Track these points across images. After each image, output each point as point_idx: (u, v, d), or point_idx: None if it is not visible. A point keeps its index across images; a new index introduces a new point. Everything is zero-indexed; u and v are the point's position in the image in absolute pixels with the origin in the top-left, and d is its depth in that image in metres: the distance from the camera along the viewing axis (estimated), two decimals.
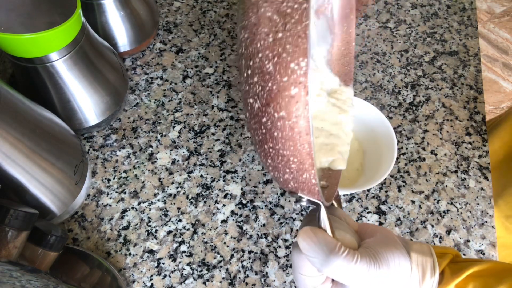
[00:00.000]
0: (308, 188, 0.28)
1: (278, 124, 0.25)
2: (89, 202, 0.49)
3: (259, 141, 0.27)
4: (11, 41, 0.38)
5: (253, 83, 0.25)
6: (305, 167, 0.26)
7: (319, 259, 0.26)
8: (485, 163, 0.56)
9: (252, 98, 0.26)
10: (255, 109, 0.26)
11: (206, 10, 0.68)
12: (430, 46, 0.67)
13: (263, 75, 0.24)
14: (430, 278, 0.28)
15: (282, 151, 0.26)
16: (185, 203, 0.50)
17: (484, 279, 0.29)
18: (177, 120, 0.56)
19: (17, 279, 0.30)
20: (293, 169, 0.27)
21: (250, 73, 0.25)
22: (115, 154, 0.53)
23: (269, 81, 0.24)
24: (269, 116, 0.25)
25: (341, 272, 0.26)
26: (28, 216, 0.33)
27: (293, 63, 0.23)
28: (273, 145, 0.26)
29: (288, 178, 0.28)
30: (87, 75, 0.46)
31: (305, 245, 0.27)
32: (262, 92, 0.25)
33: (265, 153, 0.28)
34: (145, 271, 0.46)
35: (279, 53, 0.23)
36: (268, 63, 0.24)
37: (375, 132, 0.52)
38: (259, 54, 0.24)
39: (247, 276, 0.46)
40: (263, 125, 0.26)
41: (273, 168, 0.28)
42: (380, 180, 0.46)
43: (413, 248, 0.29)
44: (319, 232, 0.27)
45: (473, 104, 0.62)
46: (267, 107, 0.25)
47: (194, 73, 0.61)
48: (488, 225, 0.52)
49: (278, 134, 0.25)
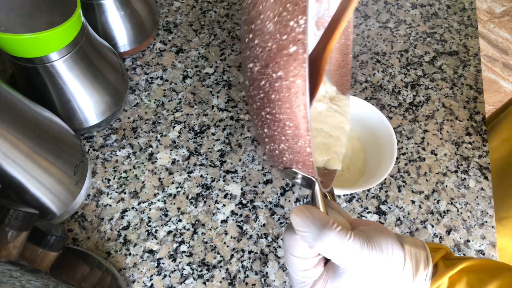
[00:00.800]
0: (302, 160, 0.28)
1: (275, 85, 0.25)
2: (89, 202, 0.49)
3: (257, 108, 0.28)
4: (11, 41, 0.38)
5: (253, 46, 0.26)
6: (300, 132, 0.26)
7: (312, 233, 0.26)
8: (485, 163, 0.56)
9: (252, 62, 0.26)
10: (254, 72, 0.27)
11: (206, 10, 0.68)
12: (430, 46, 0.67)
13: (264, 36, 0.25)
14: (423, 271, 0.28)
15: (278, 115, 0.26)
16: (185, 203, 0.50)
17: (478, 274, 0.29)
18: (177, 120, 0.56)
19: (17, 279, 0.30)
20: (289, 136, 0.27)
21: (251, 36, 0.26)
22: (115, 154, 0.53)
23: (269, 41, 0.25)
24: (267, 78, 0.26)
25: (334, 248, 0.26)
26: (28, 216, 0.33)
27: (293, 21, 0.24)
28: (270, 110, 0.27)
29: (284, 148, 0.28)
30: (87, 75, 0.46)
31: (298, 220, 0.26)
32: (262, 53, 0.26)
33: (262, 121, 0.28)
34: (145, 271, 0.46)
35: (279, 12, 0.24)
36: (268, 23, 0.25)
37: (375, 132, 0.52)
38: (261, 16, 0.25)
39: (247, 276, 0.46)
40: (261, 88, 0.26)
41: (269, 138, 0.28)
42: (380, 180, 0.46)
43: (406, 241, 0.29)
44: (312, 208, 0.27)
45: (473, 104, 0.62)
46: (266, 68, 0.25)
47: (194, 73, 0.61)
48: (488, 225, 0.52)
49: (276, 96, 0.26)
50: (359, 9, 0.71)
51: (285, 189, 0.52)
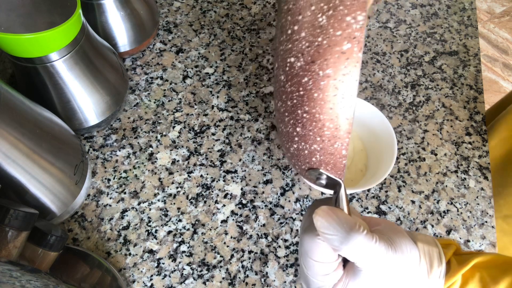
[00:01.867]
0: (334, 161, 0.26)
1: (321, 83, 0.24)
2: (89, 202, 0.49)
3: (292, 106, 0.26)
4: (11, 41, 0.38)
5: (298, 39, 0.24)
6: (339, 134, 0.25)
7: (339, 236, 0.25)
8: (485, 163, 0.56)
9: (294, 57, 0.24)
10: (295, 68, 0.24)
11: (206, 10, 0.68)
12: (430, 46, 0.67)
13: (314, 29, 0.23)
14: (437, 268, 0.28)
15: (318, 115, 0.25)
16: (185, 203, 0.50)
17: (490, 270, 0.28)
18: (177, 120, 0.56)
19: (17, 279, 0.30)
20: (326, 137, 0.25)
21: (297, 28, 0.24)
22: (115, 154, 0.53)
23: (320, 35, 0.23)
24: (312, 75, 0.24)
25: (361, 251, 0.25)
26: (28, 216, 0.33)
27: (350, 16, 0.22)
28: (309, 109, 0.25)
29: (316, 149, 0.26)
30: (87, 75, 0.46)
31: (324, 222, 0.25)
32: (309, 48, 0.23)
33: (296, 120, 0.26)
34: (145, 271, 0.46)
35: (336, 5, 0.22)
36: (321, 16, 0.23)
37: (375, 132, 0.52)
38: (311, 7, 0.23)
39: (247, 276, 0.46)
40: (302, 85, 0.24)
41: (301, 137, 0.27)
42: (380, 180, 0.46)
43: (419, 238, 0.29)
44: (338, 210, 0.26)
45: (473, 104, 0.62)
46: (312, 64, 0.23)
47: (194, 73, 0.61)
48: (488, 225, 0.52)
49: (319, 95, 0.24)
50: None
51: (285, 189, 0.52)
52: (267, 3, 0.69)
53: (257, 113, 0.58)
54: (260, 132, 0.56)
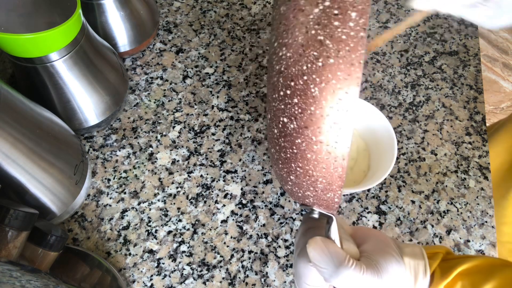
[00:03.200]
0: (326, 205, 0.27)
1: (314, 147, 0.24)
2: (89, 202, 0.49)
3: (286, 158, 0.26)
4: (11, 41, 0.38)
5: (291, 103, 0.24)
6: (332, 187, 0.25)
7: (329, 270, 0.27)
8: (485, 163, 0.56)
9: (287, 118, 0.25)
10: (289, 129, 0.25)
11: (206, 10, 0.68)
12: (430, 46, 0.67)
13: (306, 99, 0.23)
14: (422, 280, 0.29)
15: (312, 172, 0.25)
16: (185, 203, 0.50)
17: (472, 277, 0.30)
18: (177, 120, 0.56)
19: (17, 279, 0.30)
20: (319, 189, 0.26)
21: (289, 93, 0.24)
22: (115, 154, 0.53)
23: (312, 105, 0.23)
24: (305, 138, 0.24)
25: (349, 283, 0.27)
26: (28, 216, 0.33)
27: (343, 90, 0.22)
28: (303, 165, 0.25)
29: (309, 195, 0.27)
30: (87, 75, 0.46)
31: (315, 256, 0.27)
32: (302, 114, 0.24)
33: (290, 170, 0.27)
34: (145, 271, 0.46)
35: (328, 79, 0.22)
36: (313, 87, 0.23)
37: (375, 132, 0.52)
38: (304, 77, 0.23)
39: (247, 276, 0.46)
40: (295, 145, 0.25)
41: (294, 184, 0.27)
42: (380, 180, 0.46)
43: (405, 252, 0.30)
44: (330, 243, 0.28)
45: (473, 104, 0.62)
46: (305, 129, 0.24)
47: (194, 73, 0.61)
48: (488, 225, 0.52)
49: (312, 156, 0.24)
50: None
51: None
52: (267, 3, 0.69)
53: (257, 113, 0.58)
54: (260, 132, 0.56)
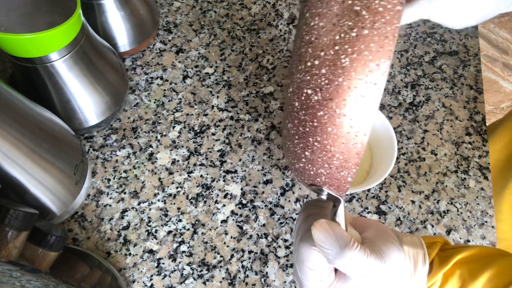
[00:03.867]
0: (338, 185, 0.27)
1: (336, 120, 0.24)
2: (89, 202, 0.49)
3: (304, 132, 0.26)
4: (11, 41, 0.38)
5: (318, 74, 0.24)
6: (348, 165, 0.25)
7: (334, 251, 0.27)
8: (485, 163, 0.56)
9: (311, 89, 0.24)
10: (312, 100, 0.25)
11: (206, 10, 0.68)
12: (430, 46, 0.67)
13: (335, 69, 0.23)
14: (421, 269, 0.30)
15: (329, 147, 0.25)
16: (185, 203, 0.50)
17: (470, 265, 0.30)
18: (177, 120, 0.56)
19: (17, 279, 0.30)
20: (334, 165, 0.26)
21: (317, 63, 0.24)
22: (115, 154, 0.53)
23: (341, 76, 0.23)
24: (328, 111, 0.24)
25: (353, 265, 0.27)
26: (28, 216, 0.33)
27: (374, 63, 0.22)
28: (321, 140, 0.25)
29: (322, 173, 0.27)
30: (87, 75, 0.46)
31: (321, 237, 0.27)
32: (328, 85, 0.23)
33: (306, 145, 0.26)
34: (145, 271, 0.46)
35: (361, 50, 0.22)
36: (344, 58, 0.23)
37: (375, 132, 0.52)
38: (335, 47, 0.23)
39: (247, 276, 0.46)
40: (317, 118, 0.25)
41: (309, 161, 0.27)
42: (380, 180, 0.46)
43: (404, 241, 0.31)
44: (335, 225, 0.28)
45: (473, 104, 0.62)
46: (330, 101, 0.24)
47: (194, 73, 0.61)
48: (488, 225, 0.52)
49: (333, 129, 0.24)
50: None
51: (285, 189, 0.52)
52: (267, 3, 0.69)
53: (257, 113, 0.58)
54: (260, 132, 0.56)
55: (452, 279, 0.30)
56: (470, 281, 0.29)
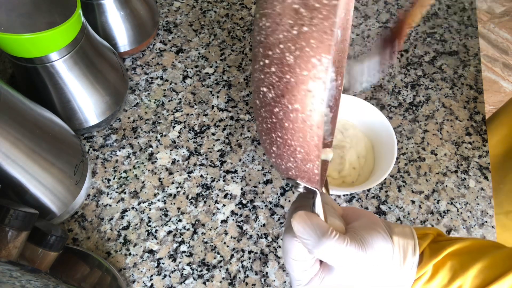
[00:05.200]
0: (308, 177, 0.28)
1: (290, 115, 0.25)
2: (89, 202, 0.49)
3: (267, 129, 0.28)
4: (11, 41, 0.38)
5: (269, 72, 0.25)
6: (310, 157, 0.26)
7: (312, 241, 0.28)
8: (485, 163, 0.56)
9: (266, 87, 0.26)
10: (268, 98, 0.26)
11: (206, 10, 0.68)
12: (430, 46, 0.67)
13: (282, 66, 0.24)
14: (410, 259, 0.30)
15: (290, 141, 0.26)
16: (185, 203, 0.50)
17: (461, 257, 0.30)
18: (177, 120, 0.56)
19: (17, 279, 0.30)
20: (298, 159, 0.27)
21: (267, 62, 0.25)
22: (115, 154, 0.53)
23: (288, 73, 0.24)
24: (282, 107, 0.25)
25: (332, 254, 0.28)
26: (28, 216, 0.33)
27: (315, 58, 0.23)
28: (282, 135, 0.26)
29: (291, 167, 0.28)
30: (87, 75, 0.46)
31: (299, 228, 0.28)
32: (278, 83, 0.25)
33: (271, 141, 0.28)
34: (145, 271, 0.46)
35: (302, 46, 0.23)
36: (289, 55, 0.24)
37: (375, 132, 0.52)
38: (280, 45, 0.24)
39: (247, 276, 0.46)
40: (274, 114, 0.26)
41: (277, 155, 0.28)
42: (380, 180, 0.46)
43: (395, 231, 0.31)
44: (313, 216, 0.28)
45: (473, 104, 0.62)
46: (282, 98, 0.25)
47: (194, 73, 0.61)
48: (488, 225, 0.52)
49: (289, 125, 0.25)
50: (359, 9, 0.71)
51: (285, 189, 0.52)
52: None
53: None
54: None
55: (442, 270, 0.30)
56: (461, 272, 0.29)
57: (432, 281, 0.30)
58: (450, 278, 0.30)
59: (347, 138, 0.53)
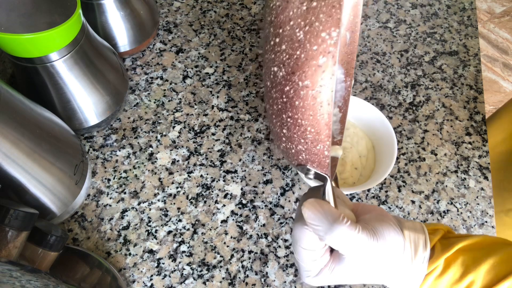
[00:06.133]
0: (318, 160, 0.28)
1: (301, 93, 0.25)
2: (89, 202, 0.49)
3: (278, 110, 0.28)
4: (11, 41, 0.38)
5: (280, 51, 0.25)
6: (320, 137, 0.26)
7: (323, 227, 0.27)
8: (485, 163, 0.56)
9: (277, 67, 0.26)
10: (278, 77, 0.26)
11: (206, 10, 0.68)
12: (430, 46, 0.67)
13: (292, 43, 0.25)
14: (421, 253, 0.29)
15: (300, 121, 0.26)
16: (185, 203, 0.50)
17: (473, 253, 0.30)
18: (177, 120, 0.56)
19: (17, 279, 0.30)
20: (308, 140, 0.27)
21: (278, 41, 0.25)
22: (115, 154, 0.53)
23: (298, 49, 0.24)
24: (292, 85, 0.25)
25: (343, 240, 0.27)
26: (28, 216, 0.33)
27: (325, 32, 0.23)
28: (292, 115, 0.27)
29: (301, 149, 0.28)
30: (87, 75, 0.46)
31: (310, 214, 0.28)
32: (289, 60, 0.25)
33: (282, 123, 0.28)
34: (145, 271, 0.46)
35: (312, 21, 0.24)
36: (299, 31, 0.24)
37: (375, 132, 0.52)
38: (290, 22, 0.24)
39: (247, 276, 0.46)
40: (285, 93, 0.26)
41: (287, 138, 0.29)
42: (380, 180, 0.46)
43: (406, 226, 0.30)
44: (324, 202, 0.28)
45: (473, 104, 0.62)
46: (292, 75, 0.25)
47: (194, 73, 0.61)
48: (488, 225, 0.52)
49: (300, 103, 0.26)
50: None
51: (285, 189, 0.52)
52: None
53: (257, 113, 0.58)
54: (260, 132, 0.56)
55: (454, 265, 0.30)
56: (473, 267, 0.29)
57: (444, 276, 0.30)
58: (462, 273, 0.29)
59: (348, 137, 0.53)
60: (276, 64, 0.26)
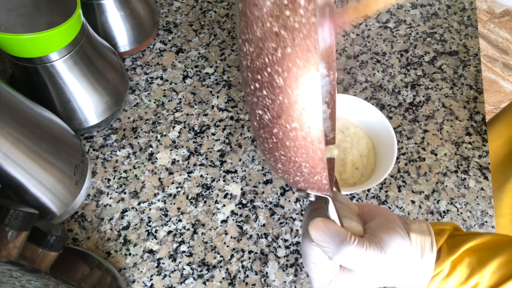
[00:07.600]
0: (318, 187, 0.28)
1: (290, 134, 0.25)
2: (89, 202, 0.49)
3: (269, 148, 0.27)
4: (11, 41, 0.38)
5: (262, 96, 0.25)
6: (317, 170, 0.26)
7: (332, 248, 0.27)
8: (485, 163, 0.56)
9: (261, 110, 0.26)
10: (265, 120, 0.26)
11: (206, 10, 0.68)
12: (430, 46, 0.67)
13: (273, 89, 0.24)
14: (428, 256, 0.30)
15: (294, 158, 0.26)
16: (185, 203, 0.50)
17: (480, 253, 0.30)
18: (177, 120, 0.56)
19: (17, 279, 0.30)
20: (305, 173, 0.27)
21: (258, 86, 0.25)
22: (115, 154, 0.53)
23: (280, 95, 0.24)
24: (280, 127, 0.25)
25: (352, 259, 0.28)
26: (28, 216, 0.33)
27: (304, 77, 0.23)
28: (285, 153, 0.26)
29: (299, 180, 0.28)
30: (87, 75, 0.46)
31: (317, 236, 0.28)
32: (272, 105, 0.25)
33: (275, 159, 0.28)
34: (145, 271, 0.46)
35: (289, 68, 0.23)
36: (278, 77, 0.23)
37: (375, 132, 0.52)
38: (267, 69, 0.24)
39: (247, 276, 0.46)
40: (273, 135, 0.26)
41: (284, 171, 0.29)
42: (380, 180, 0.46)
43: (412, 228, 0.31)
44: (330, 223, 0.28)
45: (473, 104, 0.62)
46: (278, 119, 0.25)
47: (194, 73, 0.61)
48: (488, 225, 0.52)
49: (290, 143, 0.25)
50: None
51: (285, 189, 0.52)
52: None
53: None
54: None
55: (460, 266, 0.30)
56: (479, 269, 0.29)
57: (450, 277, 0.30)
58: (468, 275, 0.30)
59: (348, 137, 0.53)
60: (260, 107, 0.26)
